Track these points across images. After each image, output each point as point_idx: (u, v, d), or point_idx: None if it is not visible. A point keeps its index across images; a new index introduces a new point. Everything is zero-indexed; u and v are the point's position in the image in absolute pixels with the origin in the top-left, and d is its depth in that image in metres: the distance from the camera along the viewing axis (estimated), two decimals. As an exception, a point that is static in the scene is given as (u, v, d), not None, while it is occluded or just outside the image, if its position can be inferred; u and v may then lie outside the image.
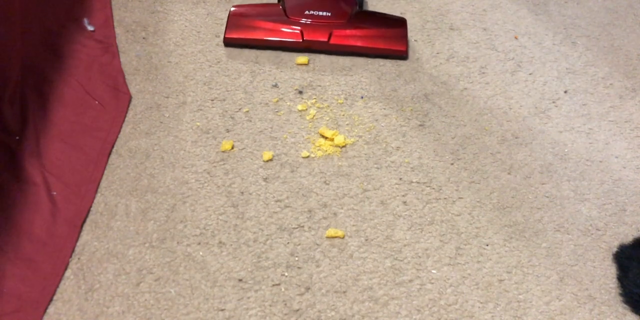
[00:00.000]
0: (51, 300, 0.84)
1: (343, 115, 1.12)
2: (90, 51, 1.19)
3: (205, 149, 1.05)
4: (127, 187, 0.98)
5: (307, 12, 1.23)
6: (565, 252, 0.93)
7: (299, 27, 1.21)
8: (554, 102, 1.17)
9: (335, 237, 0.93)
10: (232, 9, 1.25)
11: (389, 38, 1.22)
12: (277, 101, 1.13)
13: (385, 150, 1.06)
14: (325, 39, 1.20)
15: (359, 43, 1.21)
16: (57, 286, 0.85)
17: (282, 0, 1.26)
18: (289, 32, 1.21)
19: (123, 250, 0.90)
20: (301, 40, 1.20)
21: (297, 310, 0.85)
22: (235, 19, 1.23)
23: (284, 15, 1.23)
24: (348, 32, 1.21)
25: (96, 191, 0.97)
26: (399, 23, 1.26)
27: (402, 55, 1.22)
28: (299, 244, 0.92)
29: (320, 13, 1.23)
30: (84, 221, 0.93)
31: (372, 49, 1.21)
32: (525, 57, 1.25)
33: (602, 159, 1.07)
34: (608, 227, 0.97)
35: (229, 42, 1.22)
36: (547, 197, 1.01)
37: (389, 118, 1.12)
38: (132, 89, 1.14)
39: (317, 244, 0.93)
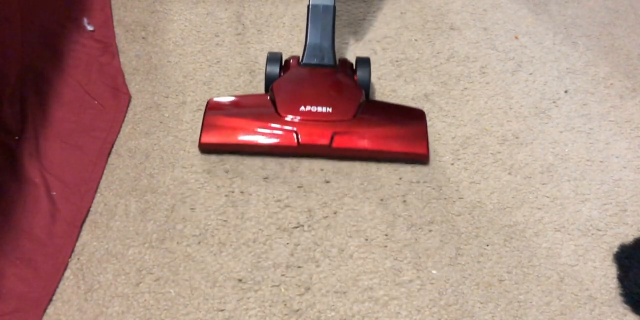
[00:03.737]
0: (51, 300, 0.84)
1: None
2: (89, 51, 1.18)
3: (205, 149, 1.05)
4: (126, 187, 0.98)
5: (302, 108, 1.00)
6: (566, 252, 0.93)
7: (292, 128, 0.99)
8: (554, 102, 1.17)
9: None
10: (210, 101, 1.05)
11: (406, 138, 1.01)
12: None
13: (386, 150, 1.06)
14: (326, 143, 0.98)
15: (368, 146, 0.99)
16: (57, 286, 0.85)
17: (271, 90, 1.03)
18: (281, 134, 0.99)
19: (122, 251, 0.90)
20: (296, 145, 0.98)
21: (297, 310, 0.85)
22: (212, 117, 1.02)
23: (274, 111, 1.00)
24: (354, 132, 0.99)
25: (96, 191, 0.97)
26: (417, 117, 1.05)
27: (423, 160, 1.02)
28: (299, 244, 0.92)
29: (319, 109, 1.00)
30: (84, 221, 0.93)
31: (385, 153, 1.01)
32: (525, 57, 1.25)
33: (602, 159, 1.07)
34: (608, 227, 0.97)
35: (206, 148, 1.02)
36: (548, 197, 1.00)
37: (389, 118, 1.11)
38: (132, 89, 1.14)
39: (317, 244, 0.92)
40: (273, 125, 0.99)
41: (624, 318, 0.86)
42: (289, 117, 0.99)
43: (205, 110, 1.04)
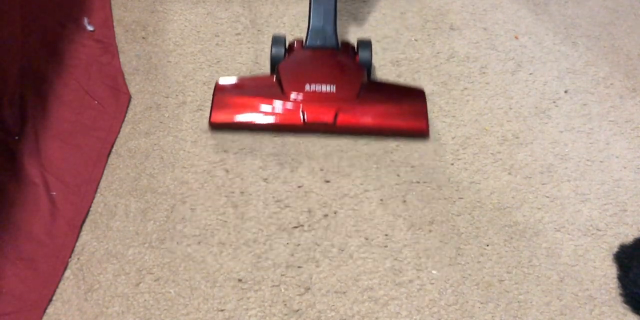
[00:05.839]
0: (51, 300, 0.84)
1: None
2: (89, 51, 1.18)
3: (205, 149, 1.04)
4: (126, 187, 0.98)
5: (307, 88, 1.03)
6: (566, 252, 0.93)
7: (298, 106, 1.02)
8: (554, 102, 1.17)
9: None
10: (218, 82, 1.08)
11: (406, 115, 1.05)
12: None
13: (385, 150, 1.06)
14: (331, 120, 1.02)
15: (370, 123, 1.03)
16: (57, 286, 0.85)
17: (276, 71, 1.07)
18: (287, 112, 1.02)
19: (122, 251, 0.90)
20: (302, 123, 1.02)
21: (297, 310, 0.85)
22: (221, 97, 1.05)
23: (280, 90, 1.04)
24: (357, 109, 1.03)
25: (96, 191, 0.97)
26: (417, 95, 1.08)
27: (423, 134, 1.06)
28: (299, 244, 0.92)
29: (323, 88, 1.03)
30: (84, 221, 0.93)
31: (386, 129, 1.04)
32: (525, 57, 1.25)
33: (602, 159, 1.07)
34: (608, 227, 0.97)
35: (216, 127, 1.05)
36: (548, 197, 1.00)
37: (389, 118, 1.11)
38: (132, 89, 1.14)
39: (317, 244, 0.92)
40: (279, 104, 1.03)
41: (624, 318, 0.86)
42: (294, 96, 1.03)
43: (214, 90, 1.06)
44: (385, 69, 1.20)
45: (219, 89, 1.07)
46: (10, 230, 0.90)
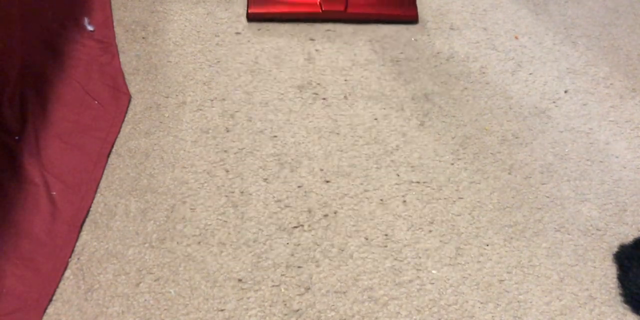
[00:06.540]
0: (51, 300, 0.84)
1: (343, 115, 1.11)
2: (89, 51, 1.18)
3: (205, 149, 1.04)
4: (126, 187, 0.98)
5: None
6: (566, 252, 0.93)
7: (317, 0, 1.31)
8: (554, 102, 1.17)
9: None
10: None
11: (400, 5, 1.32)
12: (277, 101, 1.13)
13: (385, 150, 1.06)
14: (342, 9, 1.29)
15: (374, 11, 1.31)
16: (57, 286, 0.85)
17: None
18: (309, 4, 1.30)
19: (123, 251, 0.90)
20: (320, 11, 1.29)
21: (297, 310, 0.85)
22: None
23: None
24: (362, 1, 1.31)
25: (96, 191, 0.97)
26: None
27: (413, 20, 1.32)
28: (299, 244, 0.92)
29: None
30: (84, 221, 0.93)
31: (386, 16, 1.32)
32: (525, 57, 1.25)
33: (602, 159, 1.07)
34: (608, 227, 0.97)
35: (253, 17, 1.30)
36: (548, 197, 1.00)
37: (389, 118, 1.12)
38: (132, 89, 1.14)
39: (317, 244, 0.93)
40: None
41: (624, 318, 0.86)
42: None
43: None
44: (385, 69, 1.20)
45: None
46: (10, 230, 0.90)
